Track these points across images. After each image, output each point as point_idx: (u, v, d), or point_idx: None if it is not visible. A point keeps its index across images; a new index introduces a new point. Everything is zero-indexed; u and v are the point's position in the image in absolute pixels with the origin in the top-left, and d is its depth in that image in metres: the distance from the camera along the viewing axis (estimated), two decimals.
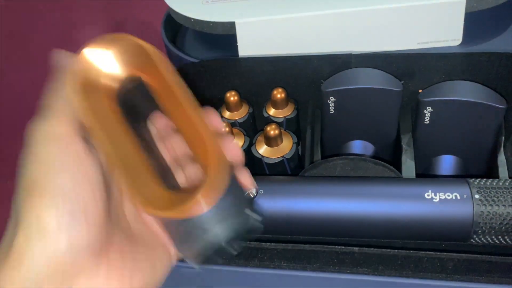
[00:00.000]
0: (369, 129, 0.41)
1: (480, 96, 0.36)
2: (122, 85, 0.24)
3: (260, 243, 0.32)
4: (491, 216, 0.31)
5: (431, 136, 0.39)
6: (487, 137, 0.38)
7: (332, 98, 0.39)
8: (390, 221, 0.32)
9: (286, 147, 0.40)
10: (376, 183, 0.33)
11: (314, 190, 0.33)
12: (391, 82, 0.38)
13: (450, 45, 0.44)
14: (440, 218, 0.31)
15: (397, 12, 0.43)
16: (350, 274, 0.30)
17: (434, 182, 0.32)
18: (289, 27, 0.44)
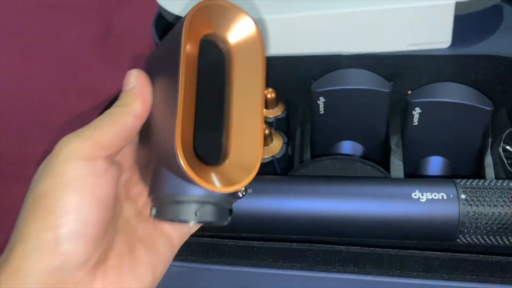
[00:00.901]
0: (359, 129, 0.41)
1: (468, 98, 0.37)
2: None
3: (248, 242, 0.32)
4: (476, 216, 0.31)
5: (420, 137, 0.39)
6: (475, 138, 0.38)
7: (321, 99, 0.39)
8: (377, 221, 0.32)
9: (276, 147, 0.40)
10: (364, 182, 0.34)
11: (302, 190, 0.34)
12: (380, 83, 0.39)
13: (439, 47, 0.45)
14: (426, 218, 0.32)
15: (387, 14, 0.43)
16: (338, 273, 0.30)
17: (421, 182, 0.33)
18: (279, 28, 0.44)
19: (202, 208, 0.23)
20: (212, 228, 0.34)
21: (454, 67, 0.42)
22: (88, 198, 0.21)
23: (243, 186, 0.23)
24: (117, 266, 0.23)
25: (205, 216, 0.23)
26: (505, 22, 0.47)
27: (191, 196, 0.23)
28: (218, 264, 0.32)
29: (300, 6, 0.44)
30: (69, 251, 0.21)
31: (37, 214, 0.21)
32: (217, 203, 0.24)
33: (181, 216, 0.23)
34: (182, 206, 0.23)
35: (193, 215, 0.23)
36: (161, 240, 0.26)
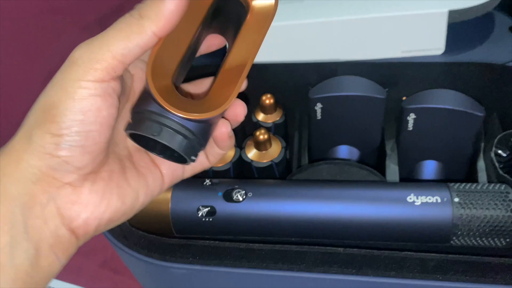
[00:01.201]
0: (355, 134, 0.42)
1: (461, 104, 0.38)
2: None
3: (248, 244, 0.33)
4: (469, 219, 0.32)
5: (414, 142, 0.40)
6: (467, 143, 0.40)
7: (319, 105, 0.40)
8: (373, 224, 0.33)
9: (274, 151, 0.41)
10: (361, 186, 0.35)
11: (301, 193, 0.34)
12: (376, 89, 0.40)
13: (433, 54, 0.46)
14: (421, 221, 0.33)
15: (382, 22, 0.44)
16: (336, 274, 0.31)
17: (416, 186, 0.34)
18: (277, 35, 0.45)
19: (165, 130, 0.25)
20: (211, 231, 0.34)
21: (447, 74, 0.43)
22: (92, 118, 0.24)
23: (201, 117, 0.25)
24: (106, 180, 0.26)
25: (165, 138, 0.25)
26: (497, 30, 0.49)
27: (158, 116, 0.25)
28: (219, 266, 0.32)
29: (297, 14, 0.45)
30: (66, 157, 0.24)
31: (45, 120, 0.23)
32: (183, 134, 0.26)
33: (142, 130, 0.25)
34: (147, 122, 0.25)
35: (154, 132, 0.25)
36: (152, 173, 0.28)
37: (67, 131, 0.23)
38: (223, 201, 0.34)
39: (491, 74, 0.42)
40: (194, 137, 0.26)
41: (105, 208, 0.25)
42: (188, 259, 0.33)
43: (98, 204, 0.25)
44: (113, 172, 0.26)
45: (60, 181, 0.24)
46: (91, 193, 0.25)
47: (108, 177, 0.26)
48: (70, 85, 0.23)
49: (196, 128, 0.26)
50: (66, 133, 0.23)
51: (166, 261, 0.33)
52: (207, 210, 0.34)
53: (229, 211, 0.34)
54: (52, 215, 0.24)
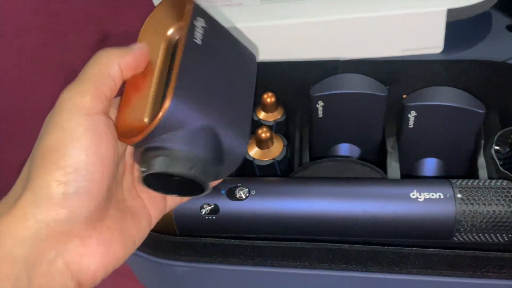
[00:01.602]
0: (356, 132, 0.42)
1: (461, 101, 0.38)
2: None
3: (253, 242, 0.33)
4: (472, 215, 0.32)
5: (415, 139, 0.40)
6: (468, 140, 0.40)
7: (320, 103, 0.40)
8: (377, 220, 0.33)
9: (276, 149, 0.41)
10: (364, 183, 0.35)
11: (304, 191, 0.34)
12: (377, 87, 0.40)
13: (432, 52, 0.46)
14: (424, 217, 0.33)
15: (382, 21, 0.44)
16: (340, 271, 0.31)
17: (419, 183, 0.34)
18: (278, 34, 0.45)
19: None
20: (214, 229, 0.34)
21: (447, 72, 0.43)
22: (93, 157, 0.23)
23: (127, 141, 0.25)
24: (111, 228, 0.25)
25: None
26: (495, 28, 0.49)
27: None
28: (224, 264, 0.32)
29: (298, 12, 0.45)
30: (74, 206, 0.22)
31: (47, 167, 0.22)
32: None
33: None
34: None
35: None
36: (144, 217, 0.27)
37: (73, 176, 0.22)
38: (226, 199, 0.34)
39: (491, 71, 0.42)
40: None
41: (112, 257, 0.25)
42: (192, 257, 0.32)
43: (106, 254, 0.24)
44: (116, 219, 0.25)
45: (69, 234, 0.23)
46: (99, 243, 0.24)
47: (112, 225, 0.25)
48: (65, 125, 0.23)
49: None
50: (73, 178, 0.22)
51: (170, 259, 0.32)
52: (210, 208, 0.34)
53: (232, 209, 0.34)
54: (60, 271, 0.23)
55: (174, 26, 0.28)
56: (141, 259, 0.33)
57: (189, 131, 0.24)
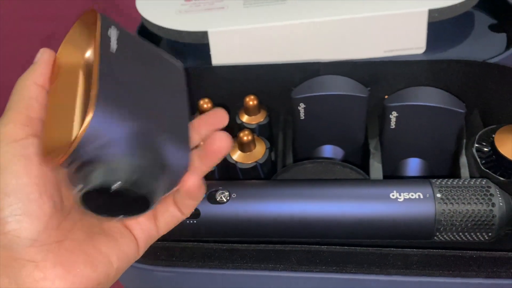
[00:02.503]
0: (338, 134, 0.42)
1: (442, 101, 0.38)
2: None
3: (232, 245, 0.33)
4: (452, 214, 0.32)
5: (397, 140, 0.40)
6: (450, 140, 0.40)
7: (302, 105, 0.40)
8: (357, 221, 0.33)
9: (259, 152, 0.41)
10: (344, 184, 0.35)
11: (285, 193, 0.34)
12: (358, 88, 0.40)
13: (414, 53, 0.46)
14: (405, 217, 0.33)
15: (363, 22, 0.45)
16: (320, 273, 0.31)
17: (399, 183, 0.34)
18: (260, 37, 0.45)
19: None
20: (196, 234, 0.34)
21: (429, 72, 0.43)
22: (25, 179, 0.23)
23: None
24: (70, 249, 0.24)
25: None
26: (476, 28, 0.49)
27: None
28: (203, 268, 0.32)
29: (279, 15, 0.46)
30: (14, 230, 0.22)
31: None
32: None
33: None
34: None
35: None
36: (125, 237, 0.26)
37: (6, 201, 0.22)
38: (207, 202, 0.34)
39: (472, 71, 0.43)
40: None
41: (75, 279, 0.23)
42: (171, 261, 0.32)
43: (66, 276, 0.23)
44: (78, 241, 0.24)
45: (21, 260, 0.22)
46: (56, 266, 0.23)
47: (73, 246, 0.24)
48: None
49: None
50: (6, 203, 0.22)
51: (149, 264, 0.32)
52: None
53: (213, 213, 0.34)
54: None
55: (90, 45, 0.27)
56: None
57: (120, 138, 0.22)
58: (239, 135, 0.39)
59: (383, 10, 0.44)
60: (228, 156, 0.40)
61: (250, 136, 0.39)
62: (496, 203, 0.32)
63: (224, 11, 0.48)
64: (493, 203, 0.32)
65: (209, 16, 0.47)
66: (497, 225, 0.32)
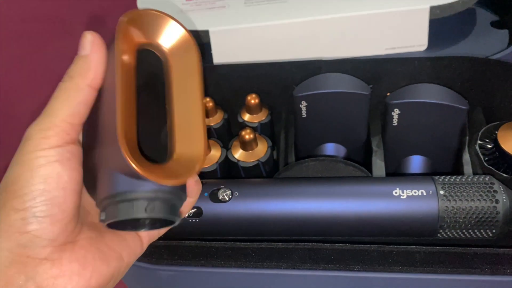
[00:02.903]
0: (341, 131, 0.42)
1: (443, 98, 0.38)
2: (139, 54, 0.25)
3: (235, 243, 0.33)
4: (455, 211, 0.32)
5: (400, 137, 0.40)
6: (452, 137, 0.40)
7: (303, 103, 0.40)
8: (360, 219, 0.33)
9: (261, 151, 0.41)
10: (347, 182, 0.35)
11: (287, 191, 0.34)
12: (360, 86, 0.40)
13: (416, 50, 0.46)
14: (408, 214, 0.33)
15: (365, 20, 0.44)
16: (323, 271, 0.31)
17: (401, 180, 0.34)
18: (261, 35, 0.45)
19: (152, 203, 0.23)
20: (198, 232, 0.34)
21: (431, 69, 0.43)
22: (54, 184, 0.23)
23: (188, 178, 0.24)
24: (85, 246, 0.24)
25: (155, 212, 0.23)
26: (479, 25, 0.49)
27: (140, 193, 0.23)
28: (206, 267, 0.32)
29: (280, 14, 0.45)
30: (35, 231, 0.23)
31: (7, 199, 0.23)
32: (166, 199, 0.24)
33: (131, 214, 0.23)
34: (131, 204, 0.23)
35: (143, 211, 0.23)
36: (131, 235, 0.27)
37: (32, 203, 0.22)
38: (209, 201, 0.34)
39: (475, 67, 0.42)
40: (174, 196, 0.24)
41: (91, 274, 0.24)
42: (174, 260, 0.32)
43: (82, 272, 0.24)
44: (91, 239, 0.25)
45: (36, 258, 0.23)
46: (72, 262, 0.24)
47: (87, 244, 0.25)
48: (26, 158, 0.23)
49: (173, 187, 0.24)
50: (31, 205, 0.22)
51: (152, 263, 0.32)
52: (193, 211, 0.34)
53: (215, 212, 0.34)
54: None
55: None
56: None
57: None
58: (241, 133, 0.39)
59: (384, 8, 0.44)
60: (230, 155, 0.40)
61: (252, 135, 0.39)
62: (499, 199, 0.32)
63: (225, 10, 0.48)
64: (496, 200, 0.32)
65: (210, 15, 0.47)
66: (501, 221, 0.32)
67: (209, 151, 0.41)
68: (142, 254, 0.32)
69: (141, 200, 0.23)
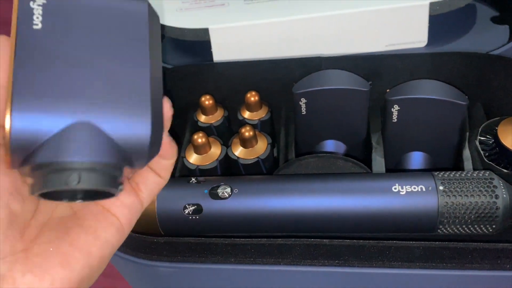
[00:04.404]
0: (340, 128, 0.42)
1: (443, 93, 0.38)
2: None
3: (234, 240, 0.33)
4: (455, 206, 0.32)
5: (399, 133, 0.40)
6: (452, 133, 0.40)
7: (303, 100, 0.40)
8: (360, 215, 0.33)
9: (261, 148, 0.41)
10: (346, 179, 0.35)
11: (287, 188, 0.34)
12: (359, 82, 0.40)
13: (416, 46, 0.46)
14: (407, 210, 0.33)
15: (364, 16, 0.44)
16: (322, 266, 0.31)
17: (401, 176, 0.34)
18: (261, 32, 0.45)
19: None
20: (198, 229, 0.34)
21: (431, 65, 0.43)
22: None
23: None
24: (41, 254, 0.22)
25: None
26: (478, 20, 0.49)
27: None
28: (206, 263, 0.32)
29: (280, 11, 0.45)
30: None
31: None
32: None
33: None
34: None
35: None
36: (104, 221, 0.25)
37: None
38: (209, 198, 0.34)
39: (475, 63, 0.42)
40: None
41: (49, 283, 0.22)
42: (174, 257, 0.32)
43: (39, 284, 0.22)
44: (49, 243, 0.23)
45: None
46: (25, 275, 0.21)
47: (43, 250, 0.22)
48: None
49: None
50: None
51: (152, 260, 0.32)
52: (193, 208, 0.34)
53: (215, 208, 0.34)
54: None
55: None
56: (124, 260, 0.33)
57: (59, 138, 0.20)
58: (241, 131, 0.39)
59: (384, 4, 0.44)
60: (230, 152, 0.41)
61: (251, 132, 0.39)
62: (499, 195, 0.32)
63: (224, 7, 0.48)
64: (496, 195, 0.32)
65: (210, 13, 0.47)
66: (501, 217, 0.32)
67: (209, 148, 0.41)
68: (141, 251, 0.33)
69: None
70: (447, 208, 0.32)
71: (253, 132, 0.39)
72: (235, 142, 0.41)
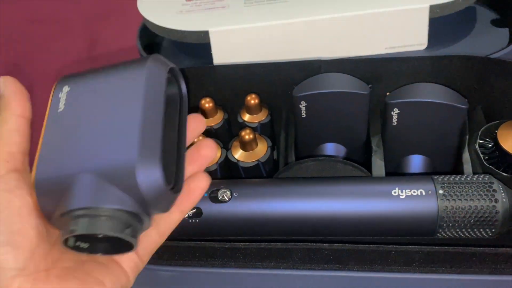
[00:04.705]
0: (340, 131, 0.42)
1: (443, 97, 0.38)
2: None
3: (234, 244, 0.33)
4: (454, 210, 0.32)
5: (399, 136, 0.40)
6: (452, 136, 0.40)
7: (303, 103, 0.40)
8: (359, 219, 0.33)
9: (261, 151, 0.41)
10: (346, 182, 0.35)
11: (286, 191, 0.34)
12: (359, 85, 0.40)
13: (416, 49, 0.46)
14: (407, 214, 0.33)
15: (364, 19, 0.44)
16: (322, 271, 0.31)
17: (400, 180, 0.34)
18: (261, 35, 0.45)
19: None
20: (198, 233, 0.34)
21: (431, 68, 0.43)
22: (6, 212, 0.23)
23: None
24: (60, 276, 0.24)
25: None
26: (479, 23, 0.49)
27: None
28: (205, 267, 0.32)
29: (280, 14, 0.45)
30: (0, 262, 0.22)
31: None
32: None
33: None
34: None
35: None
36: (114, 264, 0.26)
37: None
38: (209, 201, 0.34)
39: (474, 66, 0.42)
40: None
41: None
42: (174, 261, 0.32)
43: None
44: (68, 268, 0.24)
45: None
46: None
47: (63, 273, 0.24)
48: None
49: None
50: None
51: (152, 264, 0.32)
52: (193, 212, 0.34)
53: (215, 212, 0.34)
54: None
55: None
56: None
57: (81, 187, 0.23)
58: (241, 134, 0.39)
59: (384, 7, 0.44)
60: (230, 155, 0.41)
61: (251, 135, 0.39)
62: (499, 199, 0.32)
63: (225, 10, 0.48)
64: (496, 199, 0.32)
65: (210, 16, 0.47)
66: (500, 221, 0.32)
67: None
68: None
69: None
70: (446, 212, 0.32)
71: (253, 135, 0.39)
72: (235, 145, 0.41)
